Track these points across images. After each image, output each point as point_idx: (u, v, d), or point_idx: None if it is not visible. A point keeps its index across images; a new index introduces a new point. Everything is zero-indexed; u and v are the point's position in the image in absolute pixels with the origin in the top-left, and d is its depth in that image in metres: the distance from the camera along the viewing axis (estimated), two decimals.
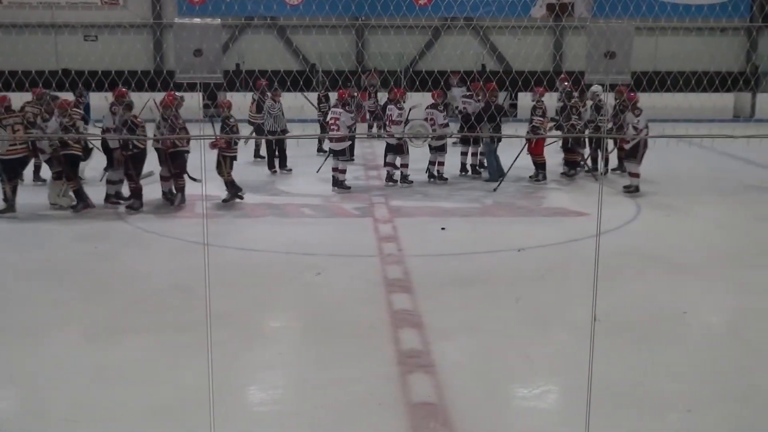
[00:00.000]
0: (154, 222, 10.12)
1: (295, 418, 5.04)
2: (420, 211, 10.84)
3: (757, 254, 8.74)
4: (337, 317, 6.71)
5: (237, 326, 6.37)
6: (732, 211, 10.97)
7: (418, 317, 6.67)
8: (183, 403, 5.07)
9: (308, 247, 8.90)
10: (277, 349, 6.14)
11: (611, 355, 5.63)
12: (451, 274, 7.94)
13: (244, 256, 8.60)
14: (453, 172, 13.23)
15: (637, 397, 5.24)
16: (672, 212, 10.75)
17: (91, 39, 23.09)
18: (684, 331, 6.50)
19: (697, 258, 8.58)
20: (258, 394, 5.42)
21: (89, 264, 8.31)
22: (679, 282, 7.75)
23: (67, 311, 6.90)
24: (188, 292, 7.10)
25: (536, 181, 12.77)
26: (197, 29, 3.77)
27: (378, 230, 9.82)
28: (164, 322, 6.53)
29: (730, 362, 5.84)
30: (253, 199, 11.52)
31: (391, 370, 5.59)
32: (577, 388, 4.47)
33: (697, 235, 9.65)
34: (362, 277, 7.86)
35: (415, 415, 4.96)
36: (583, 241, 8.80)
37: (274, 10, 23.46)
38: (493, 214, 10.81)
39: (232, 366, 5.59)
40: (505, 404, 5.28)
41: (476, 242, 9.25)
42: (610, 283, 6.98)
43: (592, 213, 10.17)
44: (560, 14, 22.51)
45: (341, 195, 11.84)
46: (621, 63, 3.93)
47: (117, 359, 5.80)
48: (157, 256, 8.65)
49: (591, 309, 4.29)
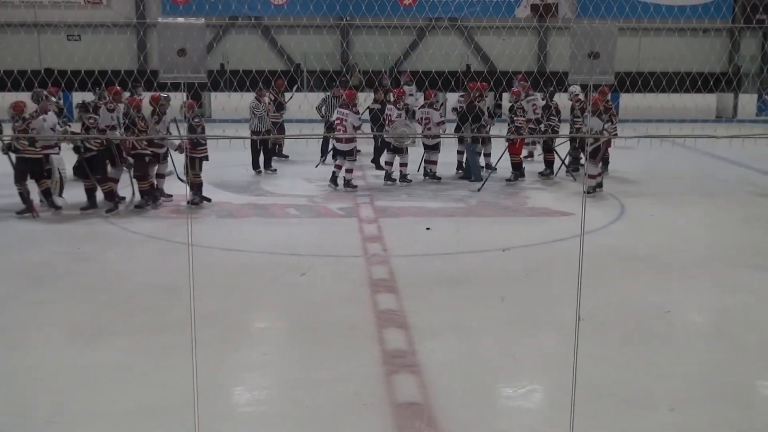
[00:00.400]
0: (139, 223, 10.07)
1: (281, 419, 5.03)
2: (405, 211, 10.85)
3: (740, 254, 8.80)
4: (322, 317, 6.70)
5: (222, 327, 6.35)
6: (715, 211, 11.05)
7: (403, 317, 6.67)
8: (167, 404, 5.04)
9: (293, 248, 8.88)
10: (262, 349, 6.12)
11: (595, 355, 5.67)
12: (436, 274, 7.94)
13: (228, 257, 8.58)
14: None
15: (621, 395, 5.27)
16: (656, 212, 10.81)
17: (75, 39, 22.96)
18: (667, 330, 6.54)
19: (681, 257, 8.63)
20: (243, 394, 5.40)
21: (72, 265, 8.26)
22: (662, 281, 7.79)
23: (49, 312, 6.85)
24: (172, 293, 7.08)
25: (509, 181, 12.83)
26: (181, 29, 3.76)
27: (363, 230, 9.81)
28: (147, 323, 6.49)
29: (713, 361, 5.88)
30: (238, 199, 11.48)
31: (377, 370, 5.59)
32: (562, 387, 4.49)
33: (681, 235, 9.71)
34: (347, 278, 7.85)
35: (401, 415, 4.96)
36: (567, 241, 8.84)
37: (258, 9, 23.40)
38: (477, 214, 10.83)
39: (217, 367, 5.56)
40: (490, 404, 5.29)
41: (461, 242, 9.26)
42: (594, 283, 7.00)
43: (576, 213, 10.22)
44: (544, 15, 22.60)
45: (325, 195, 11.82)
46: (605, 63, 3.95)
47: (100, 360, 5.76)
48: (141, 257, 8.59)
49: (575, 308, 4.31)
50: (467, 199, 11.60)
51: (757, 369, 5.80)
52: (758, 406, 5.32)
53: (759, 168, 13.95)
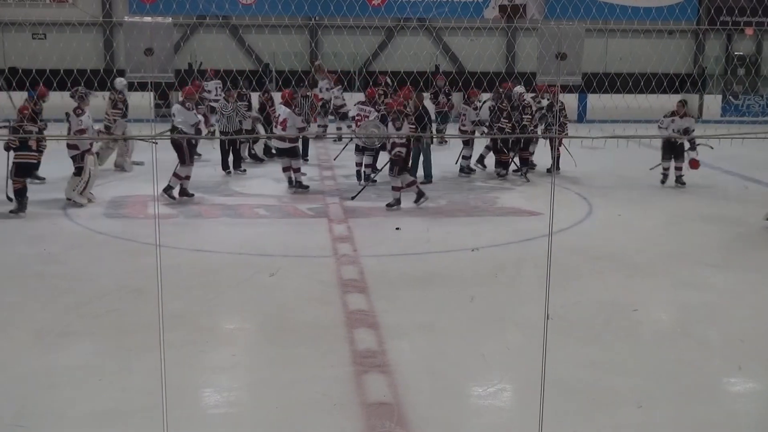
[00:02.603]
0: (105, 223, 9.96)
1: (250, 420, 5.01)
2: (374, 212, 10.85)
3: (706, 252, 8.93)
4: (291, 318, 6.68)
5: (189, 328, 6.30)
6: (681, 211, 11.18)
7: (373, 317, 6.68)
8: (134, 406, 5.00)
9: (262, 248, 8.84)
10: (231, 350, 6.08)
11: (564, 353, 5.71)
12: (406, 273, 7.95)
13: (197, 257, 8.51)
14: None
15: (589, 393, 5.32)
16: (622, 212, 10.92)
17: (40, 37, 22.60)
18: (634, 328, 6.61)
19: (647, 256, 8.73)
20: (212, 396, 5.36)
21: (37, 266, 8.13)
22: (629, 280, 7.88)
23: (13, 314, 6.73)
24: (139, 294, 7.01)
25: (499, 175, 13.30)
26: (148, 28, 3.73)
27: (332, 230, 9.79)
28: (114, 325, 6.42)
29: (679, 358, 5.96)
30: (207, 199, 11.41)
31: (347, 371, 5.59)
32: (531, 385, 4.52)
33: (647, 234, 9.82)
34: (317, 278, 7.83)
35: (371, 414, 4.96)
36: (535, 241, 8.90)
37: (226, 9, 23.23)
38: (447, 213, 10.86)
39: (186, 368, 5.52)
40: (460, 402, 5.31)
41: (431, 242, 9.29)
42: (562, 282, 7.08)
43: (544, 212, 10.29)
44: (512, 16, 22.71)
45: (295, 196, 11.75)
46: (572, 64, 3.99)
47: (65, 363, 5.69)
48: (108, 258, 8.49)
49: (544, 307, 4.34)
50: (436, 199, 11.62)
51: (721, 366, 5.89)
52: (723, 402, 5.40)
53: (721, 167, 14.16)
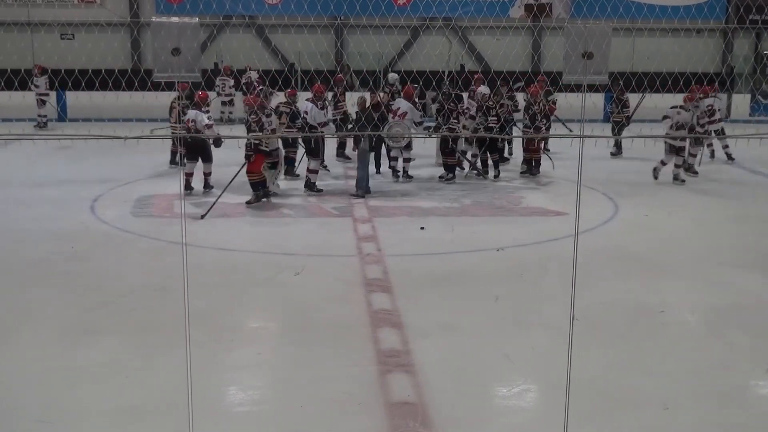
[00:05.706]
0: (132, 222, 10.04)
1: (275, 419, 5.03)
2: (399, 211, 10.84)
3: (734, 254, 8.82)
4: (316, 317, 6.69)
5: (215, 326, 6.33)
6: (710, 211, 11.06)
7: (397, 317, 6.67)
8: (158, 404, 5.04)
9: (287, 247, 8.87)
10: (256, 349, 6.11)
11: (589, 354, 5.66)
12: (430, 273, 7.94)
13: (222, 256, 8.56)
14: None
15: (615, 394, 5.28)
16: (650, 211, 10.82)
17: (68, 37, 22.84)
18: (661, 329, 6.55)
19: (675, 257, 8.65)
20: (237, 394, 5.40)
21: (63, 264, 8.22)
22: (656, 281, 7.81)
23: (39, 311, 6.81)
24: (164, 292, 7.07)
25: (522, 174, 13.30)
26: (175, 28, 3.76)
27: (357, 230, 9.80)
28: (138, 322, 6.48)
29: (707, 360, 5.89)
30: (232, 198, 11.45)
31: (371, 370, 5.59)
32: (556, 386, 4.49)
33: (675, 235, 9.72)
34: (341, 277, 7.84)
35: (395, 414, 4.96)
36: (561, 241, 8.85)
37: (252, 9, 23.32)
38: (471, 213, 10.83)
39: (210, 366, 5.55)
40: (484, 403, 5.29)
41: (455, 242, 9.26)
42: (587, 282, 7.02)
43: (570, 212, 10.22)
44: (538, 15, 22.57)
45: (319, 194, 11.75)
46: (598, 63, 3.96)
47: (90, 359, 5.75)
48: (133, 256, 8.56)
49: (569, 308, 4.31)
50: (461, 198, 11.59)
51: (749, 368, 5.82)
52: (751, 406, 5.34)
53: (751, 168, 13.99)
